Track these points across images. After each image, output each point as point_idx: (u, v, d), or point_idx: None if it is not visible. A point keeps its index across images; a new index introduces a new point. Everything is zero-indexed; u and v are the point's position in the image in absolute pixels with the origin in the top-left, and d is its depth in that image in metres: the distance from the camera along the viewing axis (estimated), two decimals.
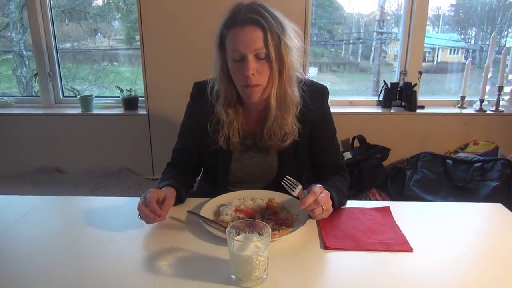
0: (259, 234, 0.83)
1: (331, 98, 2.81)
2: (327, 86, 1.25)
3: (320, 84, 1.24)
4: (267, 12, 1.05)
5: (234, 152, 1.23)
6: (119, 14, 2.95)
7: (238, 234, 0.84)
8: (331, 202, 1.04)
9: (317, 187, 1.00)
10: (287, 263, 0.89)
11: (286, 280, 0.83)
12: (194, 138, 1.26)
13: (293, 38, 1.09)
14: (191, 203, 1.15)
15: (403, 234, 1.00)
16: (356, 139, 2.49)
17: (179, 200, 1.14)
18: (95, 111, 2.65)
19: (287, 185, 1.04)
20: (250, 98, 1.11)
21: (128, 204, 1.20)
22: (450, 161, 2.25)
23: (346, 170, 1.27)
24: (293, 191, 1.03)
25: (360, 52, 3.04)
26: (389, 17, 2.90)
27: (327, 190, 1.05)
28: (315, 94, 1.19)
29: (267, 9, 1.06)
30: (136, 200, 1.02)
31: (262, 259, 0.79)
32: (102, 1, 2.91)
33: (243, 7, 1.06)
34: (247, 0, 1.09)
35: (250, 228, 0.84)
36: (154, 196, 1.02)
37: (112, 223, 1.07)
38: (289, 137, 1.16)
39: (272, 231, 0.97)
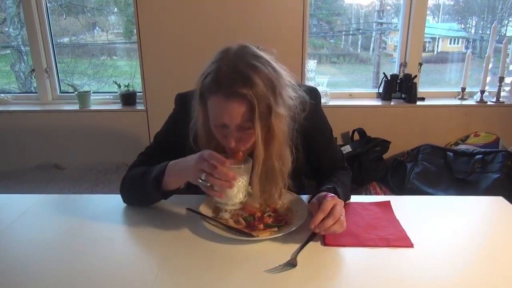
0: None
1: (330, 90, 2.76)
2: (318, 87, 1.17)
3: (310, 88, 1.12)
4: (258, 74, 0.88)
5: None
6: (117, 8, 2.93)
7: None
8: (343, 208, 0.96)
9: (328, 202, 0.92)
10: (287, 260, 0.88)
11: (286, 277, 0.82)
12: (174, 147, 1.08)
13: (286, 99, 0.95)
14: (190, 200, 1.14)
15: (404, 230, 0.99)
16: (356, 132, 2.48)
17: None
18: (93, 107, 2.63)
19: None
20: (234, 159, 0.98)
21: None
22: (450, 154, 2.24)
23: (348, 167, 1.25)
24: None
25: (359, 43, 3.02)
26: (388, 7, 2.87)
27: (333, 186, 1.05)
28: (305, 104, 1.04)
29: (257, 68, 0.89)
30: None
31: (240, 182, 0.94)
32: None
33: (229, 67, 0.89)
34: (236, 46, 0.93)
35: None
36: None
37: (112, 221, 1.07)
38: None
39: (272, 228, 0.98)
